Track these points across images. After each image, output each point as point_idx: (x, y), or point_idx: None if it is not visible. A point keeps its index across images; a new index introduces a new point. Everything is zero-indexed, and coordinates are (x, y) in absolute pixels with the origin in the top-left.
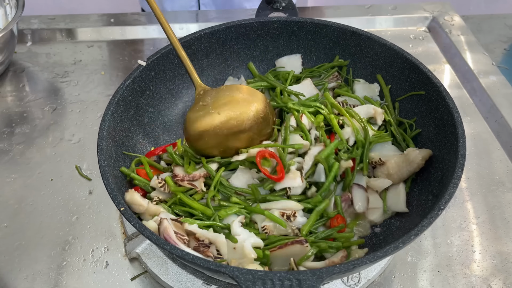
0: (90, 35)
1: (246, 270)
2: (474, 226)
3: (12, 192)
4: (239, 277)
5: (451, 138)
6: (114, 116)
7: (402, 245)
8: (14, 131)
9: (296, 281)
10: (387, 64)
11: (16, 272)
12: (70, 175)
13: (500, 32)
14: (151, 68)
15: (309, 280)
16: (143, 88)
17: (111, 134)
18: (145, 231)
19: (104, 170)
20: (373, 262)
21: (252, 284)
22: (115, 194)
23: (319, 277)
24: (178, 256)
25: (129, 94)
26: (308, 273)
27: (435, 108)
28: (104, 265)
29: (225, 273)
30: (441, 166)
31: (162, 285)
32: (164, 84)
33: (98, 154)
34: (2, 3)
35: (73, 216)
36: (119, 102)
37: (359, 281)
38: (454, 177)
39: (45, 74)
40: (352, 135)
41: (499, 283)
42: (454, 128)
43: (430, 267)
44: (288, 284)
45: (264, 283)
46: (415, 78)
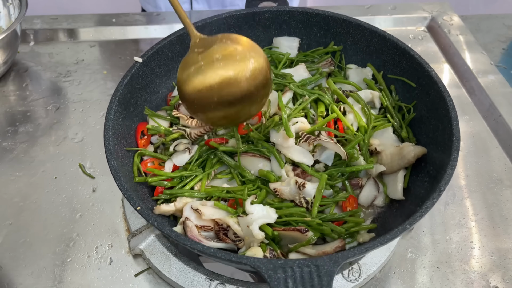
0: (92, 35)
1: (266, 260)
2: (473, 223)
3: (17, 190)
4: (261, 267)
5: (445, 121)
6: (117, 115)
7: (409, 226)
8: (18, 130)
9: (314, 267)
10: (378, 51)
11: (21, 268)
12: (74, 173)
13: (499, 32)
14: (147, 64)
15: (326, 266)
16: (140, 85)
17: (116, 134)
18: (164, 229)
19: (115, 170)
20: (383, 244)
21: (274, 272)
22: (129, 194)
23: (335, 262)
24: (200, 251)
25: (128, 91)
26: (325, 259)
27: (427, 93)
28: (108, 261)
29: (247, 264)
30: (437, 149)
31: (166, 280)
32: (159, 79)
33: (107, 154)
34: (6, 3)
35: (77, 214)
36: (119, 101)
37: (359, 276)
38: (451, 159)
39: (47, 73)
40: (354, 121)
41: (498, 279)
42: (447, 112)
43: (430, 263)
44: (307, 270)
45: (284, 271)
46: (406, 63)
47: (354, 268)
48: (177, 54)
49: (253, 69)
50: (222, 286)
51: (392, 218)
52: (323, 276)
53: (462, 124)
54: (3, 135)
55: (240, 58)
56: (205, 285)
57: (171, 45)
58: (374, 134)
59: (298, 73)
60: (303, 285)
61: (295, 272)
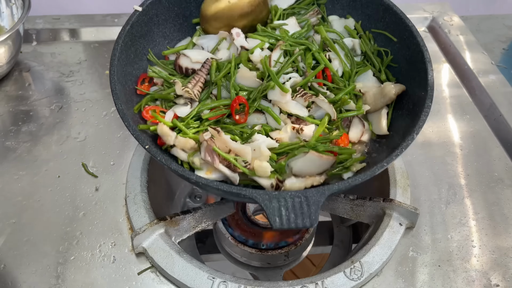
0: (94, 35)
1: (263, 192)
2: (474, 222)
3: (20, 189)
4: (258, 198)
5: (421, 73)
6: (120, 61)
7: (395, 158)
8: (21, 129)
9: (304, 197)
10: (363, 5)
11: (24, 266)
12: (77, 172)
13: (499, 32)
14: (146, 13)
15: (314, 196)
16: (140, 33)
17: (120, 79)
18: (171, 164)
19: (123, 113)
20: (366, 178)
21: (269, 202)
22: (137, 134)
23: (322, 193)
24: (204, 184)
25: (129, 39)
26: (313, 191)
27: (407, 46)
28: (112, 259)
29: (246, 196)
30: (413, 97)
31: (168, 279)
32: (157, 28)
33: (114, 98)
34: (8, 4)
35: (80, 212)
36: (121, 48)
37: (361, 275)
38: (425, 107)
39: (50, 73)
40: (340, 67)
41: (499, 277)
42: (424, 65)
43: (431, 261)
44: (298, 201)
45: (278, 201)
46: (389, 18)
47: (356, 266)
48: (173, 3)
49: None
50: (224, 284)
51: (380, 153)
52: (311, 205)
53: (463, 123)
54: (6, 134)
55: None
56: (207, 283)
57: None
58: (356, 78)
59: (291, 27)
60: (294, 213)
61: (287, 202)
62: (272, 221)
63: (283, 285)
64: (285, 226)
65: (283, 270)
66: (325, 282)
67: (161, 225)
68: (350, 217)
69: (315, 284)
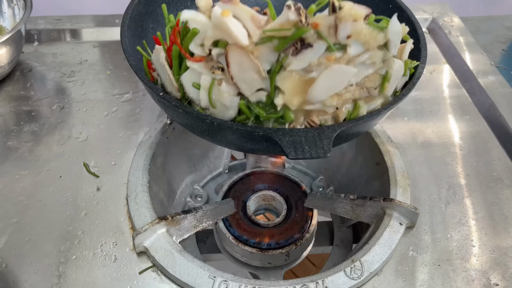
0: (95, 36)
1: (277, 129)
2: (474, 222)
3: (22, 189)
4: (272, 134)
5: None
6: (129, 31)
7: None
8: (23, 129)
9: (317, 132)
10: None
11: (26, 266)
12: (78, 172)
13: (499, 33)
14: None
15: (326, 132)
16: (146, 10)
17: (128, 49)
18: (186, 108)
19: (136, 67)
20: (378, 116)
21: (283, 136)
22: (151, 84)
23: (333, 130)
24: (218, 125)
25: (137, 13)
26: (324, 127)
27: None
28: (113, 259)
29: (260, 133)
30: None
31: (170, 278)
32: (160, 9)
33: (127, 56)
34: (10, 4)
35: (81, 212)
36: (131, 18)
37: (361, 274)
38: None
39: (52, 73)
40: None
41: (498, 276)
42: (416, 32)
43: (431, 261)
44: (311, 135)
45: (292, 135)
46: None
47: (356, 265)
48: None
49: None
50: (225, 283)
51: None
52: (323, 139)
53: (463, 124)
54: (8, 134)
55: None
56: (209, 282)
57: None
58: None
59: None
60: (308, 145)
61: (301, 137)
62: (287, 152)
63: (283, 284)
64: (300, 155)
65: (283, 270)
66: (325, 281)
67: (162, 225)
68: (351, 217)
69: (316, 283)
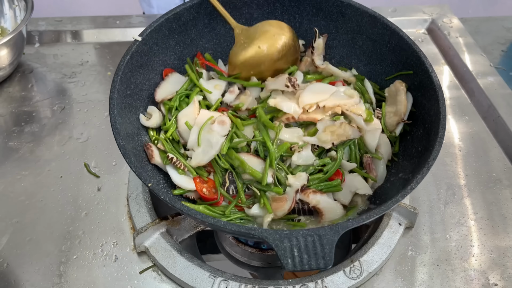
0: (96, 37)
1: (273, 231)
2: (473, 222)
3: (23, 189)
4: (268, 237)
5: (432, 100)
6: (119, 93)
7: (401, 199)
8: (24, 130)
9: (317, 236)
10: (368, 30)
11: (27, 265)
12: (79, 172)
13: (498, 34)
14: (145, 42)
15: (328, 235)
16: (139, 63)
17: (120, 112)
18: (176, 203)
19: (124, 149)
20: (379, 214)
21: (280, 242)
22: (140, 171)
23: (336, 232)
24: (211, 225)
25: (129, 70)
26: (326, 229)
27: (415, 73)
28: (113, 258)
29: (255, 235)
30: (425, 126)
31: (170, 277)
32: (157, 56)
33: (114, 133)
34: (11, 6)
35: (82, 212)
36: (122, 79)
37: (361, 274)
38: (438, 136)
39: (52, 74)
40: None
41: (497, 276)
42: (434, 92)
43: (430, 261)
44: (311, 240)
45: (290, 240)
46: (395, 43)
47: (356, 265)
48: (172, 31)
49: (283, 43)
50: (225, 282)
51: (389, 188)
52: (325, 245)
53: (462, 124)
54: (9, 135)
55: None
56: (209, 281)
57: (168, 23)
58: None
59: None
60: (307, 253)
61: (300, 242)
62: (285, 263)
63: (283, 284)
64: (298, 268)
65: (283, 270)
66: (325, 280)
67: (163, 225)
68: None
69: (315, 282)
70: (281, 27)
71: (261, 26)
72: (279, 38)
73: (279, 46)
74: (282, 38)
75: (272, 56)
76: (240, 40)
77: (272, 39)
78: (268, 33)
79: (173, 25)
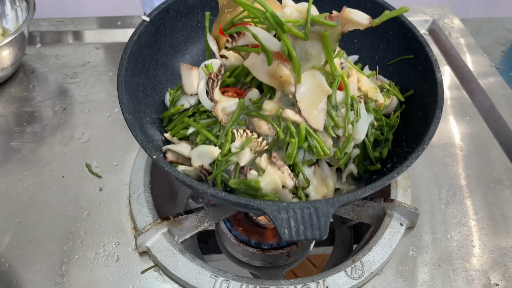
0: (98, 37)
1: (271, 202)
2: (474, 222)
3: (24, 189)
4: (266, 208)
5: (431, 83)
6: (127, 71)
7: (396, 175)
8: (25, 130)
9: (313, 208)
10: (371, 15)
11: (29, 265)
12: (81, 172)
13: (499, 34)
14: (153, 23)
15: (324, 208)
16: (147, 43)
17: (128, 89)
18: (178, 174)
19: (130, 122)
20: (375, 189)
21: (278, 213)
22: (145, 144)
23: (332, 205)
24: (212, 195)
25: (137, 49)
26: (323, 202)
27: (416, 58)
28: (115, 258)
29: (254, 207)
30: (423, 108)
31: (172, 277)
32: (164, 38)
33: (122, 107)
34: (13, 6)
35: (84, 212)
36: (129, 57)
37: (362, 274)
38: (435, 117)
39: (54, 75)
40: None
41: (498, 276)
42: (433, 74)
43: (431, 261)
44: (307, 212)
45: (287, 212)
46: (396, 29)
47: (357, 265)
48: (180, 13)
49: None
50: (227, 282)
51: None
52: (321, 217)
53: (463, 125)
54: (11, 135)
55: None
56: (210, 281)
57: (175, 5)
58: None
59: None
60: (304, 224)
61: (297, 213)
62: (281, 232)
63: (284, 284)
64: (294, 237)
65: (284, 270)
66: (326, 281)
67: (164, 225)
68: (351, 217)
69: (317, 283)
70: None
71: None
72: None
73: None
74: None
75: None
76: (223, 11)
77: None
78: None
79: (180, 7)
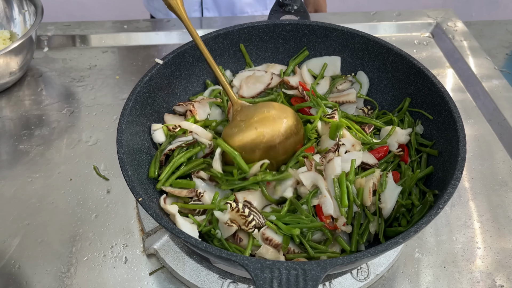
0: (104, 41)
1: (255, 259)
2: (478, 224)
3: (33, 191)
4: (249, 266)
5: (453, 141)
6: (132, 111)
7: (401, 241)
8: (34, 133)
9: (302, 270)
10: (394, 68)
11: (39, 267)
12: (88, 175)
13: (502, 37)
14: (167, 66)
15: (313, 270)
16: (159, 86)
17: (129, 129)
18: (161, 220)
19: (123, 162)
20: (374, 256)
21: (261, 272)
22: (133, 185)
23: (323, 268)
24: (192, 245)
25: (146, 91)
26: (313, 263)
27: (438, 112)
28: (123, 260)
29: (236, 262)
30: (442, 167)
31: (179, 279)
32: (179, 82)
33: (118, 147)
34: (21, 10)
35: (92, 214)
36: (136, 99)
37: (368, 276)
38: (453, 179)
39: (61, 78)
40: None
41: (503, 278)
42: (456, 132)
43: (436, 263)
44: (294, 273)
45: (271, 271)
46: (420, 83)
47: (363, 267)
48: (197, 59)
49: (286, 127)
50: (234, 284)
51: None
52: (309, 281)
53: (467, 127)
54: (19, 138)
55: (274, 120)
56: (218, 283)
57: (192, 50)
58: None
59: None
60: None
61: (282, 274)
62: None
63: None
64: None
65: None
66: (332, 282)
67: None
68: None
69: (323, 284)
70: (284, 110)
71: (261, 106)
72: (281, 122)
73: (281, 130)
74: (284, 122)
75: (273, 141)
76: (236, 119)
77: (273, 123)
78: (269, 116)
79: (197, 53)
